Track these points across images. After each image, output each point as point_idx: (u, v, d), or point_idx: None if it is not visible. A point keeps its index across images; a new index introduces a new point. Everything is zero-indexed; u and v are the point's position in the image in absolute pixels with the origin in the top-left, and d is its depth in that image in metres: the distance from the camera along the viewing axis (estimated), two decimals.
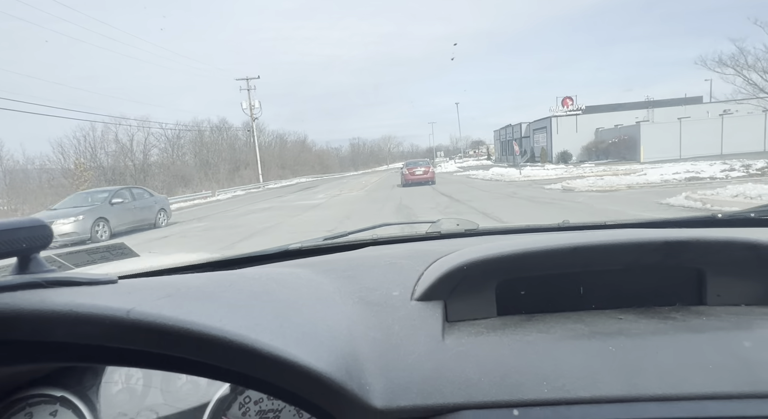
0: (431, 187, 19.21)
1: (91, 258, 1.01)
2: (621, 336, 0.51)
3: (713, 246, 0.58)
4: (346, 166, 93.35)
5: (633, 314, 0.57)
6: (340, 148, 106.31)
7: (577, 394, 0.43)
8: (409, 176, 21.00)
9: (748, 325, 0.52)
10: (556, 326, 0.55)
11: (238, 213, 15.70)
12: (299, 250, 1.15)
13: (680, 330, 0.52)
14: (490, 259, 0.60)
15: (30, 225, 0.46)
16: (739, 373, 0.44)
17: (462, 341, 0.52)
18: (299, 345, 0.44)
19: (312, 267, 0.82)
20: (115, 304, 0.40)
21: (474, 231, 1.23)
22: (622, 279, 0.61)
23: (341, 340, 0.49)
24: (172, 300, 0.45)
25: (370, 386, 0.45)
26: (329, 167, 77.42)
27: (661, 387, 0.43)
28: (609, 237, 0.60)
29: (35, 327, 0.40)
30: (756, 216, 1.01)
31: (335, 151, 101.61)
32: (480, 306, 0.60)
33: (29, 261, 0.48)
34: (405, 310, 0.59)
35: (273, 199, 21.55)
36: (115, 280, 0.49)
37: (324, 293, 0.64)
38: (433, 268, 0.69)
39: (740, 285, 0.59)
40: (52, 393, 0.71)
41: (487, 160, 66.06)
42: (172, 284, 0.53)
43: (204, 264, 1.08)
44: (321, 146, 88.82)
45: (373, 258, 0.88)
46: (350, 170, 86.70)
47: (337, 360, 0.45)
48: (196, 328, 0.40)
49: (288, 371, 0.41)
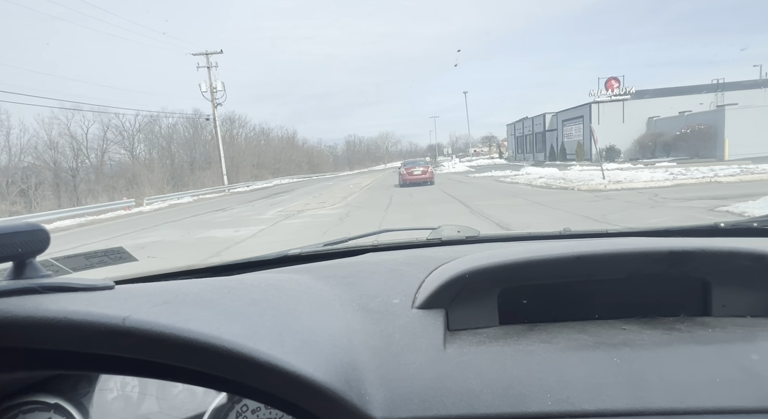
0: (464, 205, 11.16)
1: (88, 263, 0.97)
2: (626, 348, 0.50)
3: (718, 256, 0.57)
4: (341, 165, 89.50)
5: (637, 324, 0.57)
6: (335, 145, 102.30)
7: (582, 407, 0.42)
8: (407, 176, 20.09)
9: (755, 337, 0.52)
10: (559, 336, 0.54)
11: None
12: (299, 256, 1.13)
13: (686, 341, 0.51)
14: (492, 267, 0.59)
15: (26, 230, 0.45)
16: (746, 387, 0.43)
17: (464, 350, 0.52)
18: (298, 354, 0.43)
19: (312, 273, 0.81)
20: (111, 311, 0.40)
21: (475, 238, 1.22)
22: (625, 289, 0.60)
23: (341, 349, 0.49)
24: (170, 307, 0.45)
25: (369, 396, 0.44)
26: (319, 166, 72.00)
27: (667, 400, 0.42)
28: (613, 246, 0.59)
29: (29, 335, 0.39)
30: (759, 225, 1.00)
31: (330, 150, 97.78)
32: (482, 314, 0.59)
33: (25, 266, 0.47)
34: (406, 318, 0.58)
35: (202, 215, 14.80)
36: (111, 286, 0.49)
37: (324, 300, 0.63)
38: (434, 276, 0.68)
39: (745, 296, 0.58)
40: (46, 400, 0.70)
41: (500, 159, 58.17)
42: (170, 290, 0.52)
43: (203, 270, 1.07)
44: (312, 143, 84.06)
45: (374, 264, 0.87)
46: (345, 169, 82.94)
47: (337, 370, 0.44)
48: (193, 336, 0.39)
49: (286, 380, 0.41)
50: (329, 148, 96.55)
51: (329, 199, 16.22)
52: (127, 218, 17.03)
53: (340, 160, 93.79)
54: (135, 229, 12.24)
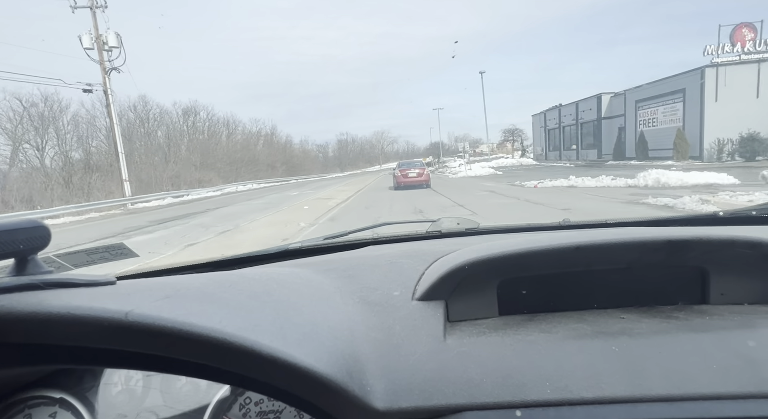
0: None
1: (90, 259, 0.97)
2: (624, 336, 0.50)
3: (716, 244, 0.58)
4: (332, 166, 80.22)
5: (636, 313, 0.57)
6: (326, 144, 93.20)
7: (581, 395, 0.42)
8: (402, 178, 18.59)
9: (752, 324, 0.52)
10: (558, 326, 0.54)
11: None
12: (299, 250, 1.14)
13: (684, 329, 0.52)
14: (491, 259, 0.59)
15: (28, 226, 0.46)
16: (744, 373, 0.43)
17: (464, 341, 0.52)
18: (300, 346, 0.44)
19: (312, 266, 0.82)
20: (113, 306, 0.40)
21: (475, 230, 1.21)
22: (624, 278, 0.61)
23: (342, 341, 0.49)
24: (171, 302, 0.45)
25: (371, 387, 0.45)
26: (301, 167, 60.02)
27: (665, 387, 0.42)
28: (611, 235, 0.60)
29: (33, 330, 0.40)
30: (758, 214, 1.01)
31: (320, 149, 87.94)
32: (481, 305, 0.60)
33: (27, 263, 0.47)
34: (406, 310, 0.59)
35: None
36: (113, 281, 0.49)
37: (324, 293, 0.64)
38: (434, 268, 0.68)
39: (743, 284, 0.59)
40: (51, 395, 0.70)
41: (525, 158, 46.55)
42: (172, 285, 0.53)
43: (204, 264, 1.07)
44: (297, 142, 73.13)
45: (374, 257, 0.87)
46: (335, 171, 73.07)
47: (338, 362, 0.45)
48: (195, 330, 0.40)
49: (288, 372, 0.41)
50: (319, 147, 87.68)
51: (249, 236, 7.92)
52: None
53: (331, 160, 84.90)
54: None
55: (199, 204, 20.11)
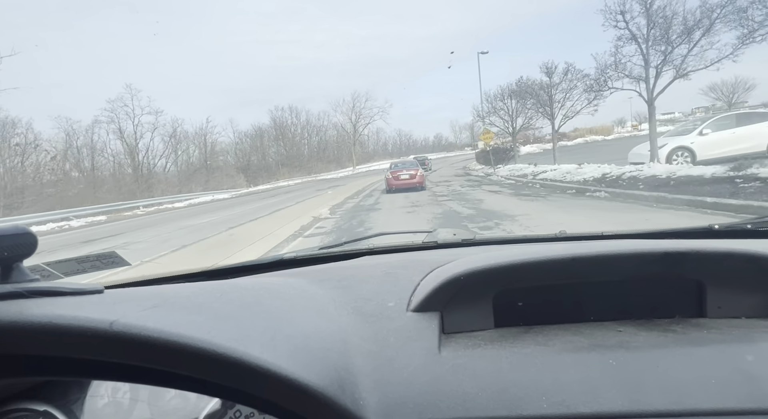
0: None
1: (80, 267, 0.95)
2: (621, 349, 0.50)
3: (713, 257, 0.58)
4: (274, 172, 51.55)
5: (632, 326, 0.57)
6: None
7: (578, 410, 0.42)
8: (393, 181, 16.70)
9: (751, 339, 0.52)
10: (554, 338, 0.54)
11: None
12: (294, 260, 1.13)
13: (681, 343, 0.51)
14: (487, 270, 0.59)
15: (13, 233, 0.45)
16: (742, 388, 0.43)
17: (459, 354, 0.51)
18: (290, 357, 0.42)
19: (306, 277, 0.81)
20: (98, 316, 0.39)
21: (471, 241, 1.21)
22: (620, 291, 0.61)
23: (334, 353, 0.48)
24: (159, 311, 0.44)
25: (364, 401, 0.43)
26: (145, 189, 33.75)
27: (663, 402, 0.42)
28: (608, 248, 0.60)
29: (14, 340, 0.39)
30: (753, 227, 1.01)
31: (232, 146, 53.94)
32: (477, 317, 0.59)
33: (11, 271, 0.47)
34: (401, 322, 0.58)
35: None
36: (100, 290, 0.48)
37: (318, 304, 0.63)
38: (429, 279, 0.68)
39: (741, 297, 0.58)
40: (34, 408, 0.68)
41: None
42: (161, 294, 0.52)
43: (196, 274, 1.06)
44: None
45: (369, 268, 0.87)
46: (260, 181, 46.69)
47: (330, 374, 0.43)
48: (183, 340, 0.39)
49: (278, 385, 0.40)
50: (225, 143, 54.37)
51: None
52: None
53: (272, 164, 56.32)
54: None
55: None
